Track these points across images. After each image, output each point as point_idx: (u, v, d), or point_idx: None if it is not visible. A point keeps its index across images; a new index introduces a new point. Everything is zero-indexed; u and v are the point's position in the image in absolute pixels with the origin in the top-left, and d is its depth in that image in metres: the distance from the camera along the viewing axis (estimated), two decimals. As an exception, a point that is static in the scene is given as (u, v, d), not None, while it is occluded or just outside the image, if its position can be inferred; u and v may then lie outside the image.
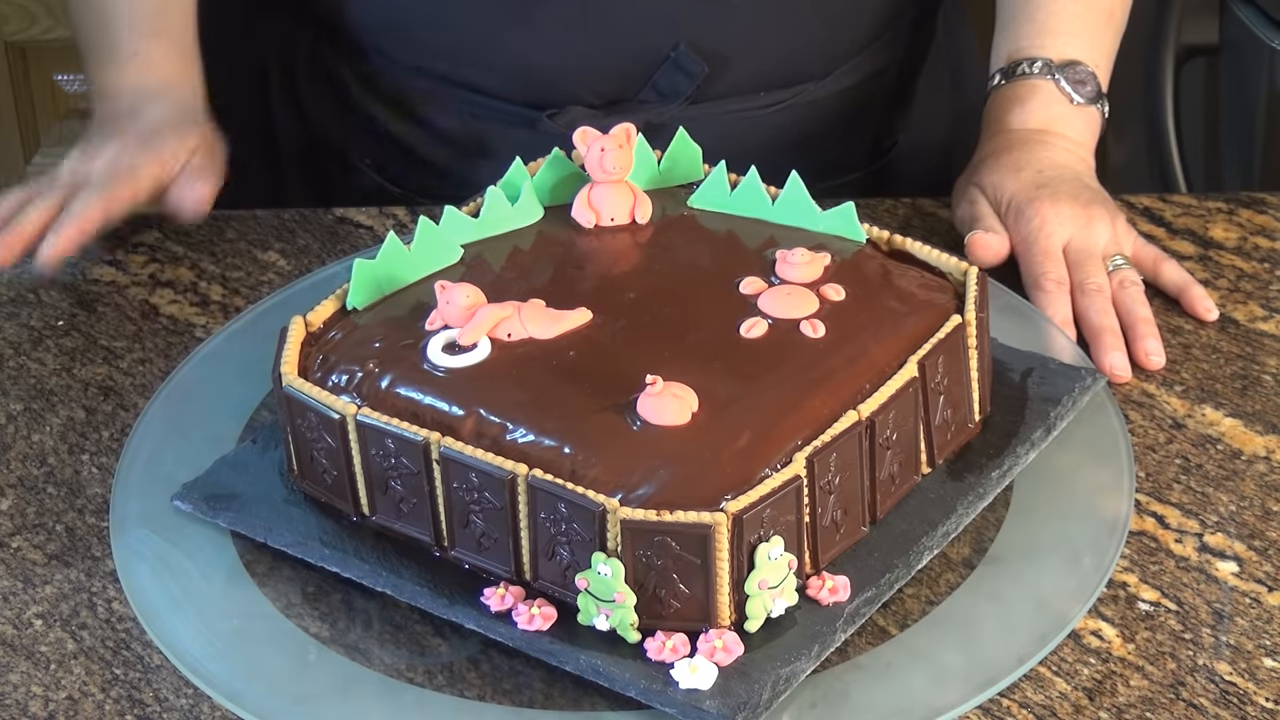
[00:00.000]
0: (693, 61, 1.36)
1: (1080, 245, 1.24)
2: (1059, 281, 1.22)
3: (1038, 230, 1.24)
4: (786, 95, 1.41)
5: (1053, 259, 1.23)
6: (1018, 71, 1.34)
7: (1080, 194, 1.27)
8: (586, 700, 0.94)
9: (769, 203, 1.13)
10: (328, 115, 1.49)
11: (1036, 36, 1.35)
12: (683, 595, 0.93)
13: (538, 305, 1.04)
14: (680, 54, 1.36)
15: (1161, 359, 1.18)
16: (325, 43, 1.48)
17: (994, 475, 1.05)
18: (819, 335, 1.02)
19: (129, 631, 1.01)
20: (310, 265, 1.30)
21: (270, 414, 1.11)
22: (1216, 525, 1.07)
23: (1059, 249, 1.24)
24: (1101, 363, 1.18)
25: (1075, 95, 1.32)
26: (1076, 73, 1.33)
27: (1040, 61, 1.33)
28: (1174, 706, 0.96)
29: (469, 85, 1.41)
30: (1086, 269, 1.22)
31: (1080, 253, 1.23)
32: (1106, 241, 1.24)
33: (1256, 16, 1.85)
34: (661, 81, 1.37)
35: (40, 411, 1.18)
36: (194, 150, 1.32)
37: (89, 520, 1.09)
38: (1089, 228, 1.24)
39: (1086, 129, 1.33)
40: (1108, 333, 1.19)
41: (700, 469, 0.94)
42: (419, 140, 1.44)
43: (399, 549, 1.01)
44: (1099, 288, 1.21)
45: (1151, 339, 1.19)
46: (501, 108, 1.40)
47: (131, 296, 1.28)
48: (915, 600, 1.00)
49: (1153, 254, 1.25)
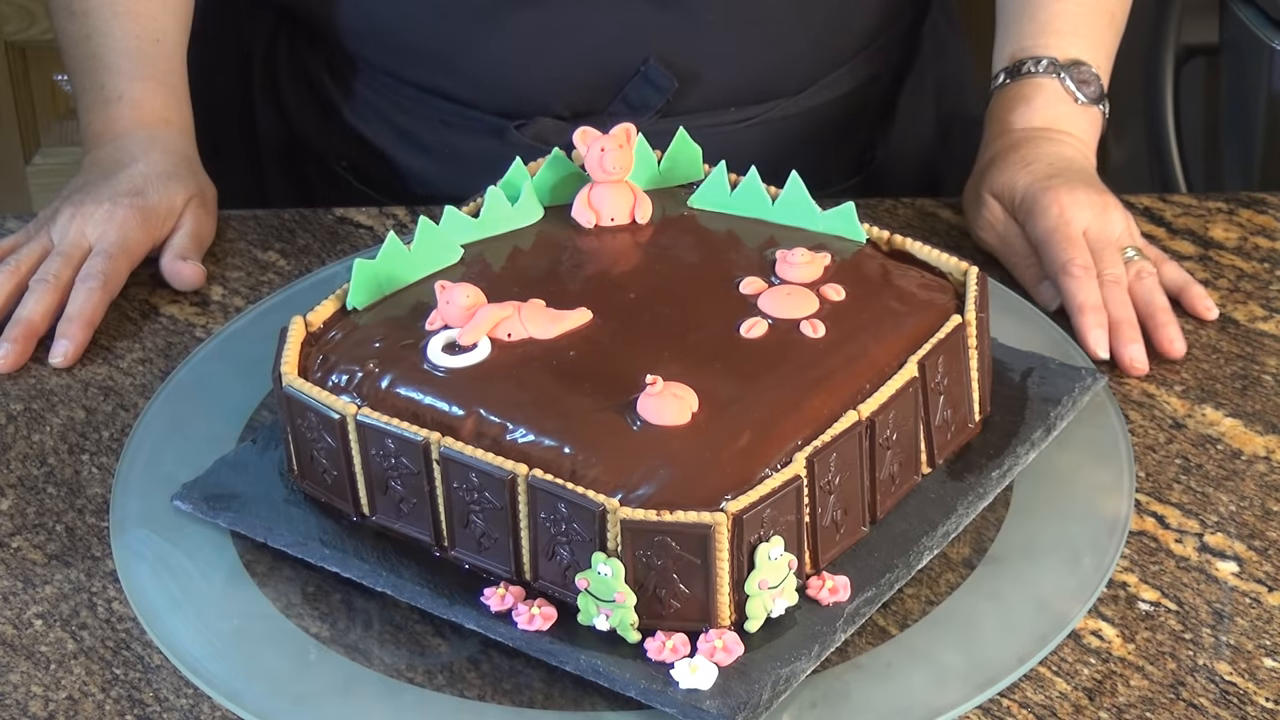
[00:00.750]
0: (662, 76, 1.36)
1: (1098, 233, 1.24)
2: (1086, 267, 1.21)
3: (1058, 218, 1.24)
4: (758, 111, 1.41)
5: (1077, 245, 1.23)
6: (1022, 70, 1.34)
7: (1093, 183, 1.27)
8: (586, 700, 0.94)
9: (769, 203, 1.13)
10: (307, 114, 1.49)
11: (1040, 36, 1.34)
12: (683, 595, 0.93)
13: (538, 305, 1.04)
14: (650, 68, 1.36)
15: (1184, 346, 1.19)
16: (304, 43, 1.47)
17: (994, 475, 1.05)
18: (819, 335, 1.02)
19: (129, 631, 1.01)
20: (310, 265, 1.30)
21: (270, 414, 1.11)
22: (1216, 525, 1.07)
23: (1080, 235, 1.24)
24: (1121, 355, 1.18)
25: (1079, 95, 1.32)
26: (1081, 73, 1.33)
27: (1045, 60, 1.33)
28: (1174, 706, 0.96)
29: (441, 93, 1.41)
30: (1105, 259, 1.23)
31: (1098, 241, 1.24)
32: (1122, 232, 1.25)
33: (1256, 16, 1.85)
34: (631, 94, 1.37)
35: (40, 411, 1.18)
36: (185, 208, 1.30)
37: (89, 520, 1.09)
38: (1105, 214, 1.25)
39: (1090, 128, 1.33)
40: (1126, 324, 1.19)
41: (700, 469, 0.94)
42: (392, 145, 1.44)
43: (399, 549, 1.01)
44: (1116, 279, 1.22)
45: (1172, 326, 1.19)
46: (472, 116, 1.40)
47: (131, 296, 1.28)
48: (915, 600, 1.00)
49: (1154, 253, 1.26)
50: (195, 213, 1.30)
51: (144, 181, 1.29)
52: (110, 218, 1.27)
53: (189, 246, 1.29)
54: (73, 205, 1.28)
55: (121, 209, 1.27)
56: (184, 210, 1.30)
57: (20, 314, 1.23)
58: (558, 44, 1.35)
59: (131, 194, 1.28)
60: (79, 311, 1.22)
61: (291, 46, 1.49)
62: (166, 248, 1.29)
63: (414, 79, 1.41)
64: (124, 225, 1.27)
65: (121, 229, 1.26)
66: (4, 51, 2.46)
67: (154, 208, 1.28)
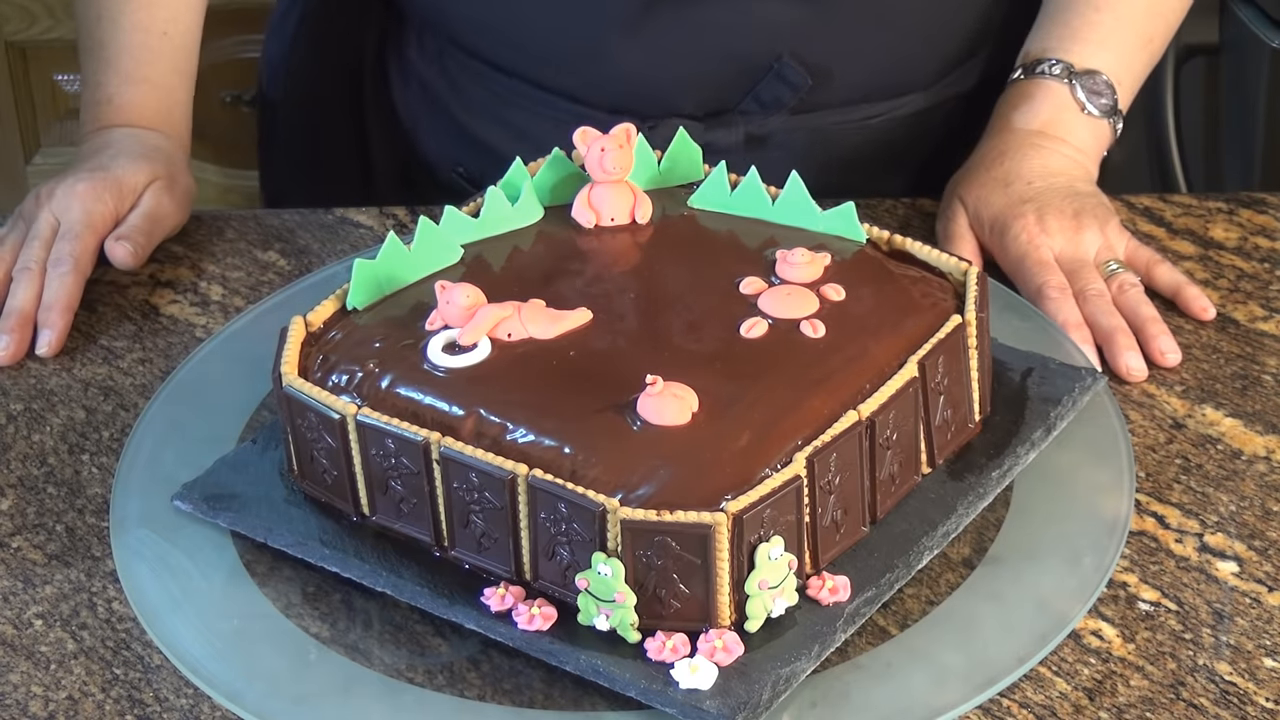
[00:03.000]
0: (796, 73, 1.35)
1: (1071, 255, 1.24)
2: (1060, 288, 1.21)
3: (1027, 245, 1.24)
4: (888, 107, 1.41)
5: (1049, 268, 1.23)
6: (1036, 70, 1.34)
7: (1067, 205, 1.26)
8: (586, 700, 0.94)
9: (769, 203, 1.13)
10: (420, 120, 1.48)
11: (1066, 40, 1.34)
12: (683, 595, 0.93)
13: (538, 305, 1.04)
14: (784, 65, 1.35)
15: (1178, 355, 1.18)
16: (415, 46, 1.46)
17: (994, 475, 1.05)
18: (819, 335, 1.02)
19: (129, 631, 1.01)
20: (310, 265, 1.30)
21: (270, 414, 1.11)
22: (1216, 525, 1.07)
23: (1051, 258, 1.24)
24: (1118, 365, 1.17)
25: (1088, 104, 1.32)
26: (1094, 83, 1.32)
27: (1061, 64, 1.33)
28: (1174, 706, 0.96)
29: (568, 94, 1.39)
30: (1083, 277, 1.22)
31: (1073, 262, 1.23)
32: (1099, 249, 1.24)
33: (1256, 16, 1.85)
34: (764, 92, 1.36)
35: (40, 411, 1.18)
36: (148, 187, 1.30)
37: (89, 520, 1.09)
38: (1078, 237, 1.24)
39: (1092, 139, 1.33)
40: (1119, 333, 1.19)
41: (700, 469, 0.94)
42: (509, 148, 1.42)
43: (399, 549, 1.01)
44: (1099, 293, 1.21)
45: (1164, 337, 1.19)
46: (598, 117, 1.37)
47: (131, 296, 1.28)
48: (915, 600, 1.00)
49: (1146, 256, 1.25)
50: (157, 194, 1.31)
51: (110, 159, 1.31)
52: (71, 191, 1.28)
53: (137, 226, 1.29)
54: (43, 189, 1.30)
55: (82, 182, 1.29)
56: (145, 189, 1.31)
57: (11, 305, 1.24)
58: (691, 44, 1.34)
59: (93, 169, 1.30)
60: (55, 299, 1.24)
61: (402, 51, 1.48)
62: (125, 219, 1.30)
63: (542, 80, 1.40)
64: (84, 198, 1.28)
65: (83, 202, 1.28)
66: (4, 51, 2.46)
67: (116, 179, 1.29)
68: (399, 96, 1.49)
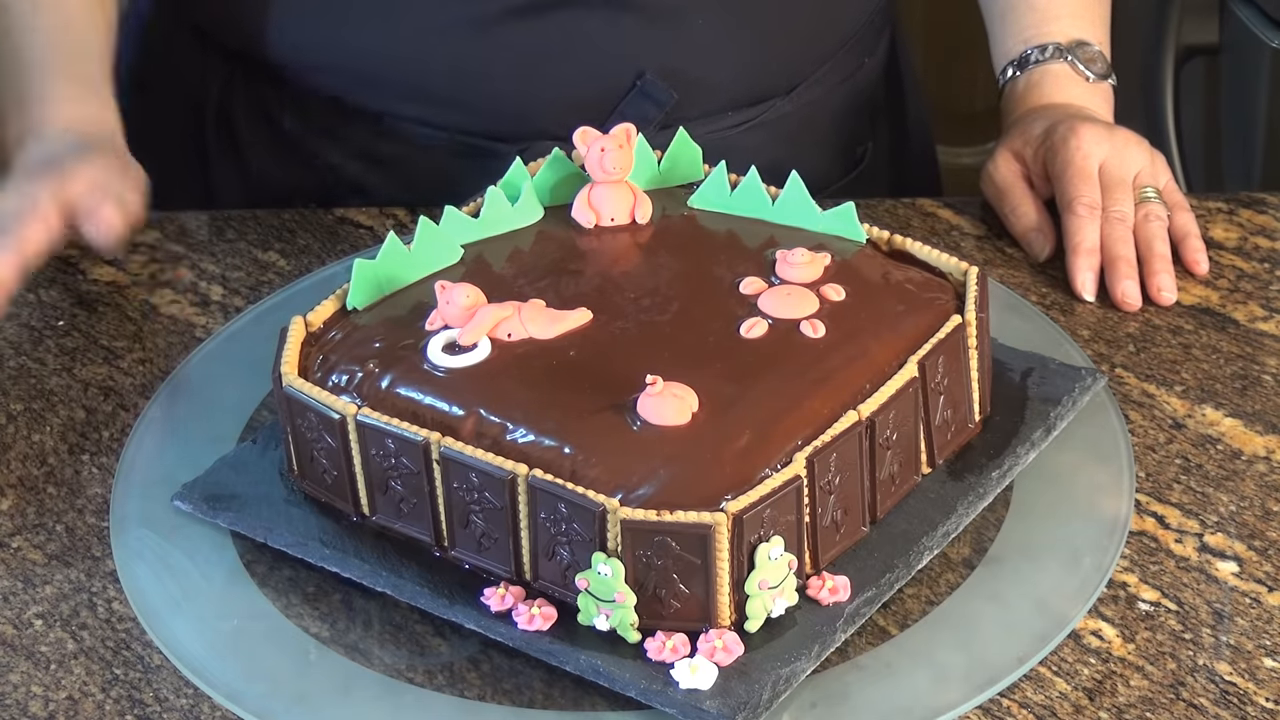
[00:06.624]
0: (660, 89, 1.35)
1: (1114, 169, 1.26)
2: (1091, 205, 1.24)
3: (1074, 150, 1.26)
4: (754, 113, 1.40)
5: (1088, 182, 1.25)
6: (1030, 61, 1.36)
7: (1118, 129, 1.29)
8: (586, 700, 0.94)
9: (769, 203, 1.13)
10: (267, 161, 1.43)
11: (1041, 24, 1.37)
12: (683, 595, 0.93)
13: (538, 305, 1.04)
14: (647, 82, 1.34)
15: (1173, 295, 1.22)
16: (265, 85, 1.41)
17: (994, 475, 1.05)
18: (819, 335, 1.02)
19: (129, 631, 1.01)
20: (310, 265, 1.30)
21: (270, 414, 1.11)
22: (1216, 525, 1.07)
23: (1095, 172, 1.26)
24: (1113, 289, 1.21)
25: (1089, 73, 1.35)
26: (1086, 52, 1.35)
27: (1050, 46, 1.35)
28: (1174, 707, 0.96)
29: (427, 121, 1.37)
30: (1115, 195, 1.25)
31: (1112, 177, 1.26)
32: (1141, 170, 1.27)
33: (1256, 16, 1.85)
34: (629, 110, 1.35)
35: (40, 411, 1.18)
36: (99, 169, 1.22)
37: (89, 520, 1.09)
38: (1124, 151, 1.27)
39: (1104, 104, 1.36)
40: (1123, 261, 1.22)
41: (700, 469, 0.94)
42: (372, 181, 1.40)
43: (399, 549, 1.01)
44: (1122, 216, 1.24)
45: (1165, 275, 1.22)
46: (464, 141, 1.37)
47: (131, 296, 1.28)
48: (915, 600, 1.00)
49: (1179, 200, 1.28)
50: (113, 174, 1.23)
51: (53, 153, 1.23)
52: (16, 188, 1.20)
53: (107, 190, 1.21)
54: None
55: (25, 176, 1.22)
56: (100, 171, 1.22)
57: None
58: (550, 64, 1.33)
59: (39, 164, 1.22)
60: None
61: (248, 91, 1.43)
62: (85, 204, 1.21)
63: (395, 110, 1.37)
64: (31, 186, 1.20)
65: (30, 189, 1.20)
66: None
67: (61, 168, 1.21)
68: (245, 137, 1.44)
